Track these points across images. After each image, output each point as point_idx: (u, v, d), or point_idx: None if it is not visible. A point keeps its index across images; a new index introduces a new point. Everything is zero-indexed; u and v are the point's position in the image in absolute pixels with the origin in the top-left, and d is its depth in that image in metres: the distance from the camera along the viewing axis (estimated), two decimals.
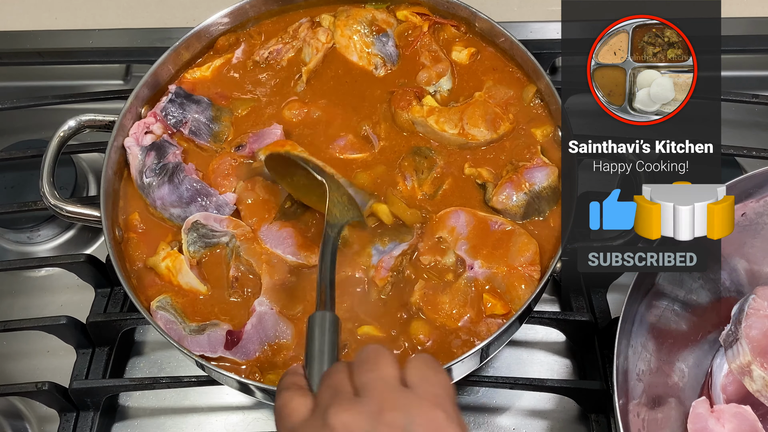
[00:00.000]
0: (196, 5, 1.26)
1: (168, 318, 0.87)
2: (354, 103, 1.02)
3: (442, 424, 0.55)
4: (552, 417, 1.01)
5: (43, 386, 0.95)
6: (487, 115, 0.98)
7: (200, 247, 0.92)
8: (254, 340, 0.86)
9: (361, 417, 0.55)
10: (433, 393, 0.57)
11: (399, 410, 0.55)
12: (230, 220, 0.92)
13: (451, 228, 0.91)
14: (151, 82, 1.00)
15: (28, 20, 1.32)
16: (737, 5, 1.26)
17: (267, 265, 0.89)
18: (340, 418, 0.55)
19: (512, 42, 1.01)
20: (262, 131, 0.98)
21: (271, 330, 0.86)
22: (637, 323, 0.86)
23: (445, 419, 0.55)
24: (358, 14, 1.06)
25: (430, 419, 0.55)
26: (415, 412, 0.55)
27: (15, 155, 1.14)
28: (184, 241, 0.90)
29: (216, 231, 0.91)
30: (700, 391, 0.94)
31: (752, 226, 0.91)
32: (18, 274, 1.14)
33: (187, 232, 0.90)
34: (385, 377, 0.58)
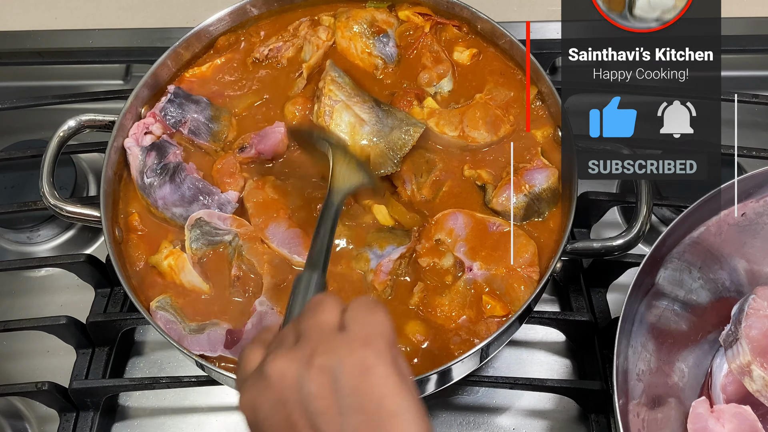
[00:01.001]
0: (196, 5, 1.26)
1: (168, 318, 0.87)
2: None
3: (370, 363, 0.54)
4: (552, 417, 1.01)
5: (43, 386, 0.95)
6: (487, 117, 0.98)
7: (203, 244, 0.92)
8: None
9: (293, 363, 0.56)
10: (364, 334, 0.56)
11: (329, 353, 0.55)
12: (234, 218, 0.92)
13: (449, 230, 0.91)
14: (151, 82, 1.00)
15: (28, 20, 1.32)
16: (737, 5, 1.26)
17: (268, 265, 0.89)
18: (275, 365, 0.56)
19: (512, 42, 1.01)
20: (265, 131, 0.98)
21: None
22: (637, 323, 0.86)
23: (374, 358, 0.54)
24: (358, 15, 1.06)
25: (358, 359, 0.54)
26: (344, 353, 0.55)
27: (15, 155, 1.14)
28: (186, 237, 0.90)
29: (219, 229, 0.91)
30: (700, 391, 0.94)
31: (752, 226, 0.91)
32: (18, 274, 1.14)
33: (190, 229, 0.90)
34: (322, 323, 0.58)
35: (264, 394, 0.56)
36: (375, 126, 0.93)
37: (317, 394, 0.54)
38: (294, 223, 0.92)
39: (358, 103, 0.94)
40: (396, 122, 0.93)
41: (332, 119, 0.93)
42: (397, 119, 0.94)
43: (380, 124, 0.93)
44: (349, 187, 0.80)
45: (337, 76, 0.96)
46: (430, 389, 0.87)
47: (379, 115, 0.93)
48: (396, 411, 0.53)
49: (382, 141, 0.92)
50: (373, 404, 0.53)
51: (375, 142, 0.92)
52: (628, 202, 1.08)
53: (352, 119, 0.93)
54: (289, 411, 0.54)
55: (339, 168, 0.81)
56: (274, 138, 0.97)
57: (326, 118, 0.93)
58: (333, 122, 0.93)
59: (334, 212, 0.76)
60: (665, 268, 0.88)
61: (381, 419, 0.53)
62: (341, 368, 0.54)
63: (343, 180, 0.80)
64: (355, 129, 0.92)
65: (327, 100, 0.94)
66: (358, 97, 0.95)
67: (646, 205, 0.88)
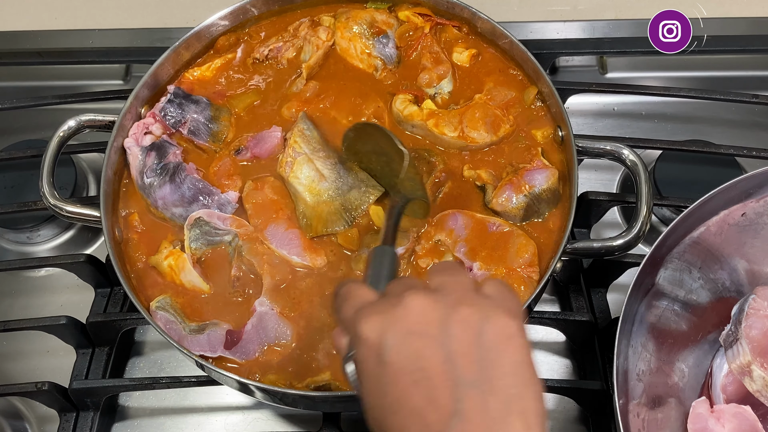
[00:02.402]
0: (196, 5, 1.26)
1: (168, 318, 0.87)
2: (354, 105, 1.02)
3: (514, 332, 0.55)
4: (552, 417, 1.01)
5: (43, 386, 0.95)
6: (487, 118, 0.97)
7: (202, 244, 0.92)
8: (254, 341, 0.86)
9: (437, 305, 0.56)
10: (509, 305, 0.57)
11: (476, 308, 0.56)
12: (233, 218, 0.92)
13: (449, 230, 0.91)
14: (151, 82, 1.00)
15: (28, 20, 1.32)
16: (737, 5, 1.26)
17: (268, 266, 0.89)
18: (417, 299, 0.56)
19: (512, 42, 1.01)
20: (262, 134, 0.98)
21: (271, 331, 0.86)
22: (637, 323, 0.86)
23: (517, 330, 0.55)
24: (357, 16, 1.06)
25: (504, 324, 0.55)
26: (492, 314, 0.55)
27: (15, 155, 1.14)
28: (186, 237, 0.90)
29: (219, 229, 0.91)
30: (700, 391, 0.94)
31: (752, 226, 0.91)
32: (18, 274, 1.14)
33: (190, 228, 0.90)
34: (463, 282, 0.59)
35: (399, 323, 0.56)
36: (334, 183, 0.93)
37: (461, 338, 0.54)
38: (293, 224, 0.92)
39: (321, 158, 0.94)
40: (356, 182, 0.94)
41: (292, 170, 0.93)
42: (357, 179, 0.94)
43: (339, 181, 0.93)
44: (413, 197, 0.86)
45: (306, 129, 0.96)
46: None
47: (340, 173, 0.94)
48: (530, 381, 0.54)
49: (339, 199, 0.93)
50: (511, 367, 0.54)
51: (331, 198, 0.93)
52: (628, 202, 1.08)
53: (311, 173, 0.93)
54: (425, 344, 0.55)
55: (409, 176, 0.85)
56: (270, 142, 0.97)
57: (287, 169, 0.93)
58: (293, 173, 0.93)
59: (399, 211, 0.82)
60: (665, 268, 0.88)
61: (516, 383, 0.54)
62: (487, 326, 0.55)
63: (409, 188, 0.85)
64: (314, 183, 0.93)
65: (291, 151, 0.94)
66: (322, 152, 0.95)
67: (646, 205, 0.88)
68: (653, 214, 1.02)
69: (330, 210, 0.92)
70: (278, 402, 0.88)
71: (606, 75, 1.31)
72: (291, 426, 1.01)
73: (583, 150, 0.94)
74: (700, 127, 1.24)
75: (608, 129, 1.25)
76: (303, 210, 0.93)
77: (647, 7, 1.16)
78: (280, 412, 1.02)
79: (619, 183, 1.19)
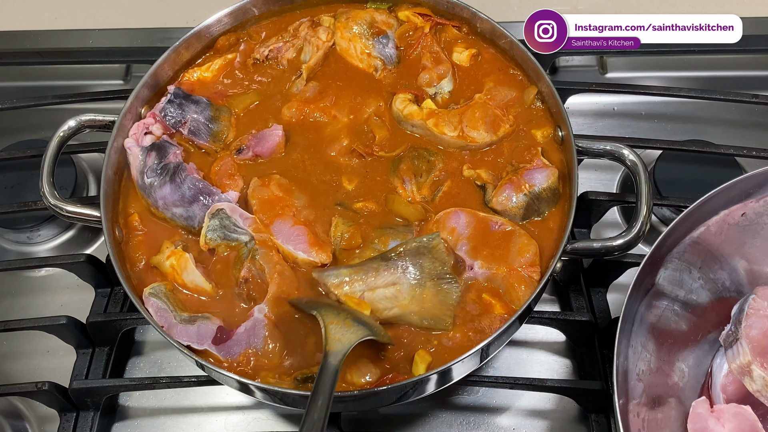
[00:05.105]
0: (196, 5, 1.26)
1: (159, 305, 0.86)
2: (354, 105, 1.02)
3: None
4: (552, 417, 1.01)
5: (43, 386, 0.95)
6: (486, 117, 0.97)
7: (218, 236, 0.91)
8: (242, 343, 0.85)
9: None
10: None
11: None
12: (254, 221, 0.91)
13: (451, 228, 0.91)
14: (151, 82, 1.00)
15: (28, 20, 1.32)
16: (737, 5, 1.26)
17: (279, 276, 0.88)
18: None
19: (512, 42, 1.01)
20: (262, 133, 0.99)
21: (261, 339, 0.85)
22: (637, 323, 0.86)
23: None
24: (357, 16, 1.06)
25: None
26: None
27: (15, 155, 1.15)
28: (205, 225, 0.90)
29: (238, 227, 0.91)
30: (700, 391, 0.94)
31: (752, 226, 0.91)
32: (18, 274, 1.14)
33: (210, 217, 0.90)
34: None
35: None
36: (406, 282, 0.86)
37: None
38: (299, 220, 0.92)
39: (372, 276, 0.86)
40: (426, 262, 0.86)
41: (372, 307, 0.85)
42: (426, 259, 0.86)
43: (408, 275, 0.85)
44: (347, 347, 0.76)
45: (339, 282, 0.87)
46: (431, 389, 0.87)
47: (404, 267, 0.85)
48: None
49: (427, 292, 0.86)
50: None
51: (418, 294, 0.86)
52: (628, 202, 1.08)
53: (387, 292, 0.86)
54: None
55: (332, 329, 0.77)
56: (271, 140, 0.97)
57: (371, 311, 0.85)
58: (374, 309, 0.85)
59: (332, 379, 0.72)
60: (665, 268, 0.88)
61: None
62: None
63: (337, 342, 0.77)
64: (397, 298, 0.86)
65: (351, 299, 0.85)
66: (370, 272, 0.86)
67: (646, 205, 0.88)
68: (653, 214, 1.02)
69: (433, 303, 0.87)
70: (278, 402, 0.88)
71: (606, 75, 1.31)
72: (291, 426, 1.01)
73: (583, 150, 0.94)
74: (700, 127, 1.24)
75: (608, 129, 1.25)
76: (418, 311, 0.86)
77: (647, 7, 1.16)
78: (280, 412, 1.02)
79: (619, 183, 1.19)
